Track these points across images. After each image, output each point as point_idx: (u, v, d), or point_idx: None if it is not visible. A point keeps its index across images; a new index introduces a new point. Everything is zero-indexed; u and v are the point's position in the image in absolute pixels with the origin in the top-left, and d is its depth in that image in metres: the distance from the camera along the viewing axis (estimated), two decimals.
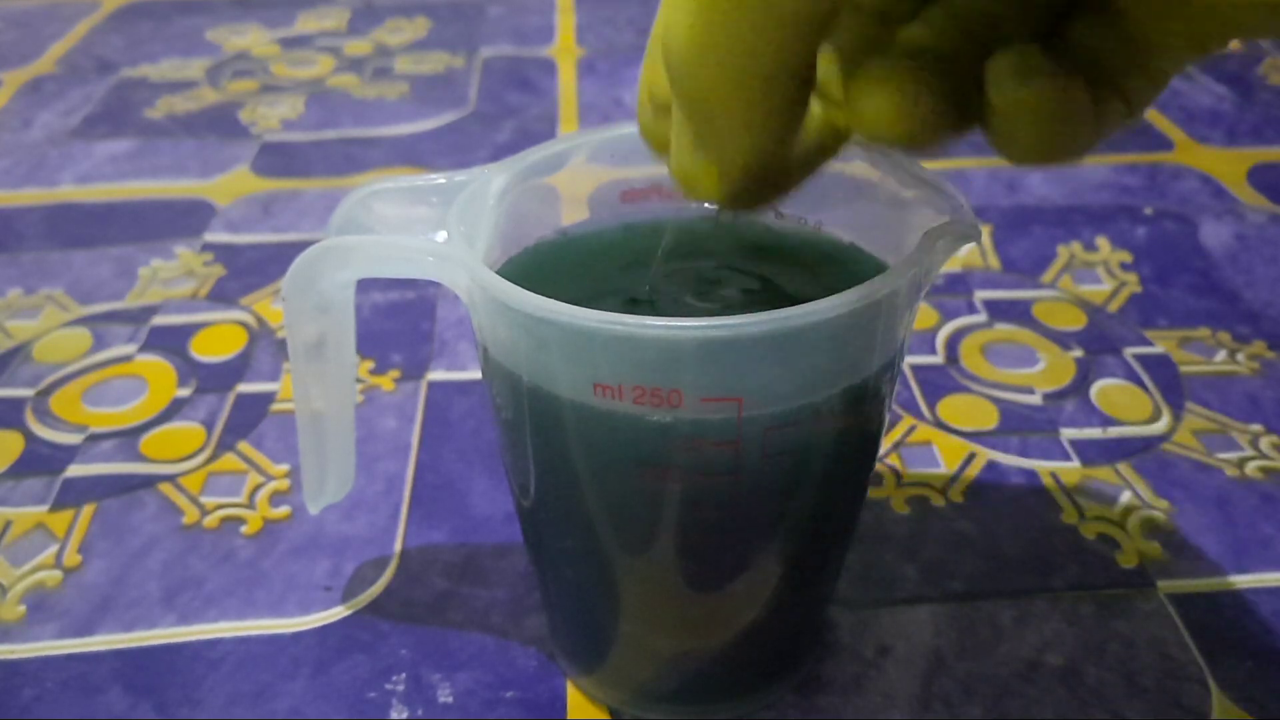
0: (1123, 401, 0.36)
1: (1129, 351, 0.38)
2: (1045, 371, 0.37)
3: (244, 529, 0.31)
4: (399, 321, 0.40)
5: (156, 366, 0.38)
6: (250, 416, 0.36)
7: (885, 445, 0.34)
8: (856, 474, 0.23)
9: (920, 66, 0.16)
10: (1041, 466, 0.33)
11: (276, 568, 0.30)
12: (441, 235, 0.22)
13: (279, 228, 0.46)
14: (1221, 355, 0.38)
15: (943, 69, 0.16)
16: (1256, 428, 0.35)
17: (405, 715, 0.26)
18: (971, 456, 0.34)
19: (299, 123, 0.56)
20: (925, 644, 0.28)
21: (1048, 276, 0.42)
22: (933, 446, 0.34)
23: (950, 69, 0.16)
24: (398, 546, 0.31)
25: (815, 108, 0.18)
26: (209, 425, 0.35)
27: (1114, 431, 0.34)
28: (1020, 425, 0.35)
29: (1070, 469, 0.33)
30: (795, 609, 0.25)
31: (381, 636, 0.28)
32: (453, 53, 0.64)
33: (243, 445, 0.34)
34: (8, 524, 0.32)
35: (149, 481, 0.33)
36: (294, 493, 0.33)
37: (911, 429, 0.35)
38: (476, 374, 0.37)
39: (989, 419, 0.35)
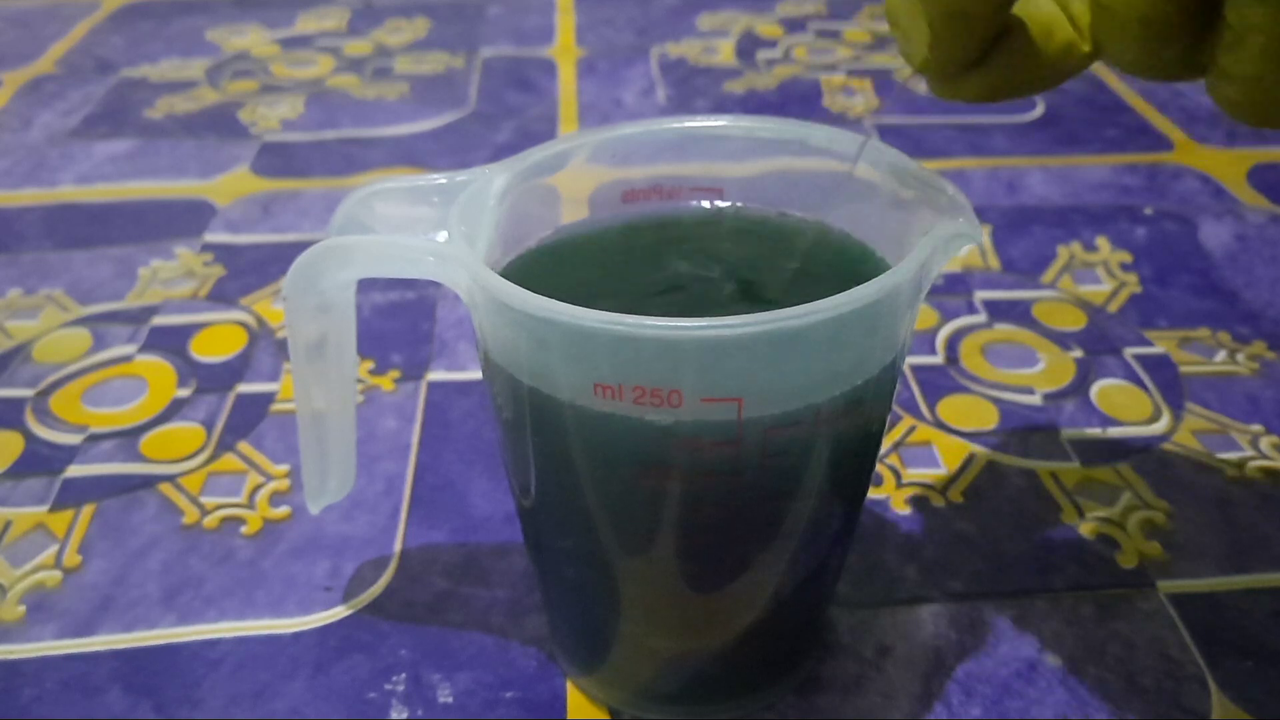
0: (1123, 402, 0.36)
1: (1129, 352, 0.38)
2: (1045, 372, 0.37)
3: (244, 529, 0.31)
4: (399, 321, 0.40)
5: (156, 367, 0.38)
6: (250, 417, 0.36)
7: (885, 445, 0.34)
8: (857, 474, 0.23)
9: None
10: (1041, 467, 0.33)
11: (276, 568, 0.30)
12: (442, 235, 0.22)
13: (279, 228, 0.46)
14: (1221, 355, 0.38)
15: None
16: (1256, 428, 0.35)
17: (405, 715, 0.26)
18: (971, 456, 0.34)
19: (299, 123, 0.56)
20: (925, 644, 0.28)
21: (1048, 277, 0.42)
22: (933, 446, 0.34)
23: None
24: (398, 546, 0.31)
25: (1061, 31, 0.20)
26: (209, 425, 0.35)
27: (1114, 432, 0.35)
28: (1020, 425, 0.35)
29: (1070, 469, 0.33)
30: (795, 609, 0.25)
31: (381, 636, 0.28)
32: (453, 53, 0.64)
33: (243, 445, 0.34)
34: (8, 524, 0.32)
35: (149, 481, 0.33)
36: (294, 493, 0.33)
37: (911, 429, 0.35)
38: (476, 374, 0.37)
39: (989, 419, 0.35)
